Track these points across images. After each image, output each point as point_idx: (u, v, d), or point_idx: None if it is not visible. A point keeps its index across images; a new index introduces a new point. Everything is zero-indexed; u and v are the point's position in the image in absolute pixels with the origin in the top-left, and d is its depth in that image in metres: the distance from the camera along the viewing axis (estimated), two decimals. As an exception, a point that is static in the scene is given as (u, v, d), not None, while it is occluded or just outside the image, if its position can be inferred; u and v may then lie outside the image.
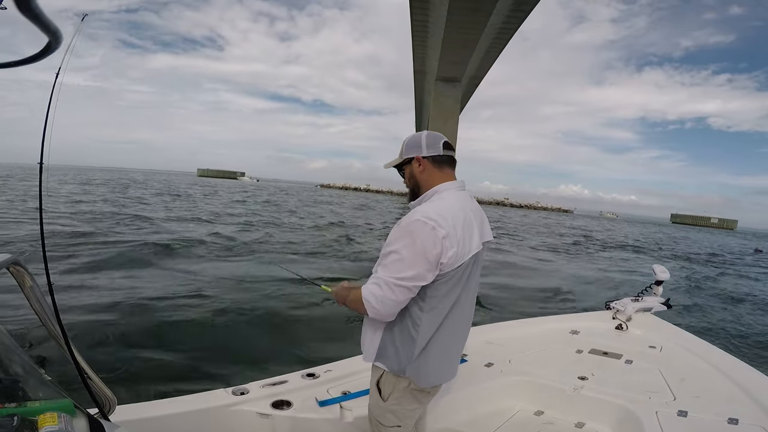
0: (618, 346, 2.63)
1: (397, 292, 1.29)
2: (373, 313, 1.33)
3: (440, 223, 1.28)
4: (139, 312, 5.08)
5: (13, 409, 0.91)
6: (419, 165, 1.45)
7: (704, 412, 1.81)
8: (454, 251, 1.30)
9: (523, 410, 2.12)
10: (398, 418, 1.44)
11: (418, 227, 1.28)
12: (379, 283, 1.30)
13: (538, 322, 3.12)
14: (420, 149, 1.44)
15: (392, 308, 1.32)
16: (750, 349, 6.06)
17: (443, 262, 1.30)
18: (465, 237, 1.35)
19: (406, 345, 1.37)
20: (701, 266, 17.22)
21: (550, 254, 15.65)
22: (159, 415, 1.65)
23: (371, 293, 1.31)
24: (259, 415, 1.79)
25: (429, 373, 1.40)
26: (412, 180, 1.48)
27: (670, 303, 3.24)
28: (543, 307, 7.55)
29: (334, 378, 2.08)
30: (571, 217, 69.57)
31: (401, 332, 1.37)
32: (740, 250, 30.01)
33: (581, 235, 28.08)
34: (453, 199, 1.40)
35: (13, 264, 0.98)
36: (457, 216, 1.34)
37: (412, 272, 1.27)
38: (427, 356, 1.38)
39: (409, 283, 1.28)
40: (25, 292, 1.03)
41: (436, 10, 43.51)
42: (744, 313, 8.60)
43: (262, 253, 9.75)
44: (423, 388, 1.43)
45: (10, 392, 0.96)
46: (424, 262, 1.27)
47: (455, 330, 1.43)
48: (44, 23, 0.69)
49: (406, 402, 1.43)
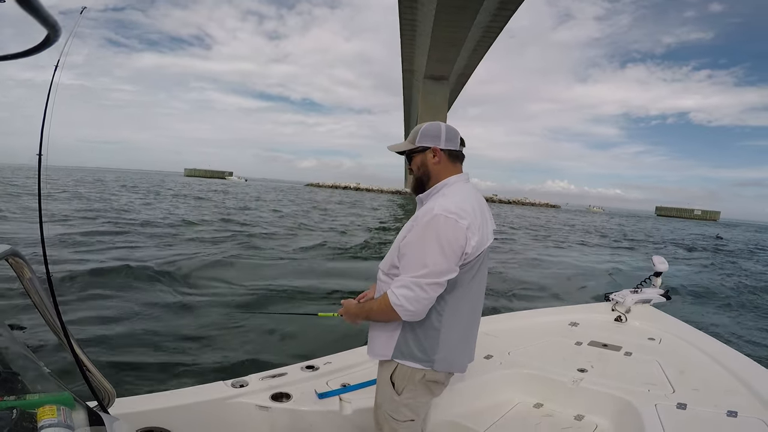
0: (617, 338, 2.62)
1: (429, 290, 1.28)
2: (407, 316, 1.31)
3: (462, 215, 1.29)
4: (142, 306, 5.08)
5: (12, 401, 0.91)
6: (434, 156, 1.42)
7: (703, 404, 1.81)
8: (476, 239, 1.32)
9: (522, 402, 2.12)
10: (413, 412, 1.43)
11: (441, 222, 1.27)
12: (409, 285, 1.28)
13: (537, 314, 3.12)
14: (438, 140, 1.42)
15: (426, 306, 1.31)
16: (749, 341, 6.13)
17: (467, 252, 1.31)
18: (483, 225, 1.37)
19: (430, 336, 1.37)
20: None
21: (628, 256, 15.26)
22: (158, 408, 1.64)
23: (403, 297, 1.28)
24: (259, 407, 1.78)
25: (454, 360, 1.42)
26: (423, 169, 1.45)
27: (669, 294, 3.23)
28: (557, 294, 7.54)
29: (334, 370, 2.07)
30: (569, 213, 69.75)
31: (423, 324, 1.36)
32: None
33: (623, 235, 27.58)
34: (465, 190, 1.41)
35: (12, 255, 0.97)
36: (474, 206, 1.36)
37: (441, 268, 1.27)
38: (449, 343, 1.38)
39: (440, 278, 1.28)
40: (24, 283, 1.01)
41: (424, 8, 43.56)
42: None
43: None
44: (437, 379, 1.42)
45: (10, 385, 0.95)
46: (452, 255, 1.28)
47: (472, 316, 1.46)
48: (43, 16, 0.68)
49: (420, 395, 1.42)
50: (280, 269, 8.20)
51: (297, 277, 7.44)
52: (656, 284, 3.27)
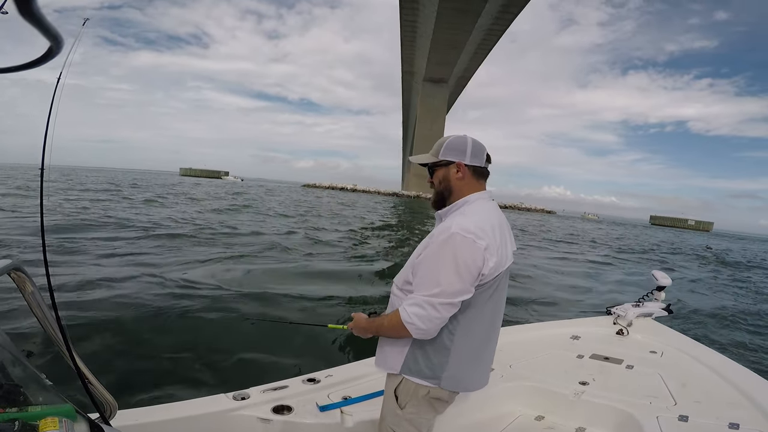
0: (619, 351, 2.62)
1: (442, 310, 1.25)
2: (418, 334, 1.29)
3: (479, 235, 1.26)
4: (141, 316, 5.02)
5: (14, 413, 0.89)
6: (458, 171, 1.39)
7: (705, 417, 1.82)
8: (495, 261, 1.29)
9: (523, 415, 2.12)
10: (415, 427, 1.41)
11: (458, 242, 1.25)
12: (421, 303, 1.26)
13: (538, 327, 3.12)
14: (464, 155, 1.38)
15: (438, 326, 1.28)
16: (752, 354, 6.14)
17: (484, 273, 1.28)
18: (502, 247, 1.34)
19: (440, 355, 1.35)
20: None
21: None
22: (160, 420, 1.63)
23: (415, 315, 1.26)
24: (260, 420, 1.77)
25: (462, 379, 1.39)
26: (444, 184, 1.41)
27: (671, 308, 3.23)
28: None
29: (335, 383, 2.06)
30: (570, 219, 69.83)
31: (434, 342, 1.34)
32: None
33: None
34: (486, 209, 1.37)
35: (14, 269, 0.97)
36: (494, 226, 1.32)
37: (454, 288, 1.24)
38: (460, 364, 1.36)
39: (453, 299, 1.25)
40: (26, 297, 1.01)
41: (426, 10, 43.68)
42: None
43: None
44: (441, 397, 1.40)
45: (11, 397, 0.94)
46: (468, 276, 1.25)
47: (486, 337, 1.42)
48: (46, 27, 0.68)
49: (423, 411, 1.41)
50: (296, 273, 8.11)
51: (309, 282, 7.35)
52: (659, 298, 3.27)
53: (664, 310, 3.20)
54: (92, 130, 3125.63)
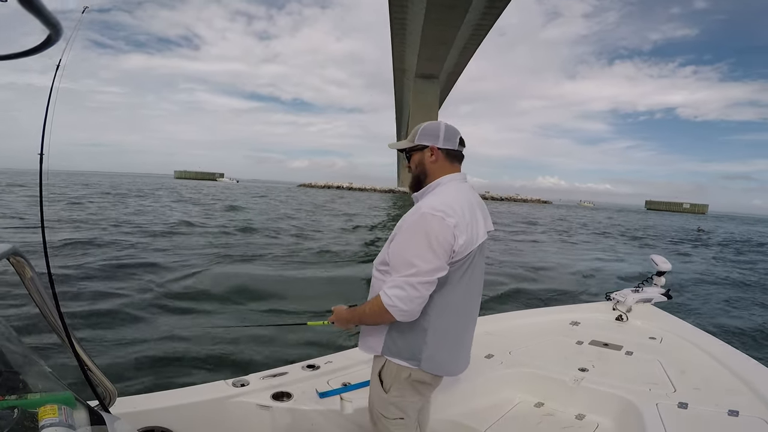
0: (618, 338, 2.62)
1: (422, 289, 1.28)
2: (401, 316, 1.30)
3: (449, 213, 1.29)
4: (142, 305, 5.04)
5: (13, 401, 0.90)
6: (432, 155, 1.42)
7: (704, 403, 1.81)
8: (464, 238, 1.31)
9: (523, 402, 2.12)
10: (401, 410, 1.43)
11: (427, 220, 1.28)
12: (401, 284, 1.28)
13: (538, 313, 3.11)
14: (437, 139, 1.42)
15: (420, 305, 1.30)
16: (751, 339, 6.16)
17: (455, 250, 1.30)
18: (472, 224, 1.36)
19: (417, 336, 1.36)
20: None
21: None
22: (159, 407, 1.63)
23: (396, 297, 1.28)
24: (260, 406, 1.78)
25: (443, 362, 1.40)
26: (420, 167, 1.45)
27: (670, 294, 3.21)
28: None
29: (335, 369, 2.07)
30: (563, 209, 69.86)
31: (411, 324, 1.35)
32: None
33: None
34: (456, 189, 1.40)
35: (13, 254, 0.96)
36: (463, 205, 1.35)
37: (430, 266, 1.27)
38: (438, 345, 1.37)
39: (431, 277, 1.28)
40: (26, 283, 1.00)
41: (414, 7, 43.61)
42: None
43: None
44: (424, 380, 1.41)
45: (11, 384, 0.94)
46: (442, 252, 1.28)
47: (465, 318, 1.44)
48: (45, 16, 0.69)
49: (407, 394, 1.42)
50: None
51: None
52: (659, 283, 3.24)
53: (663, 295, 3.18)
54: (83, 133, 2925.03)
